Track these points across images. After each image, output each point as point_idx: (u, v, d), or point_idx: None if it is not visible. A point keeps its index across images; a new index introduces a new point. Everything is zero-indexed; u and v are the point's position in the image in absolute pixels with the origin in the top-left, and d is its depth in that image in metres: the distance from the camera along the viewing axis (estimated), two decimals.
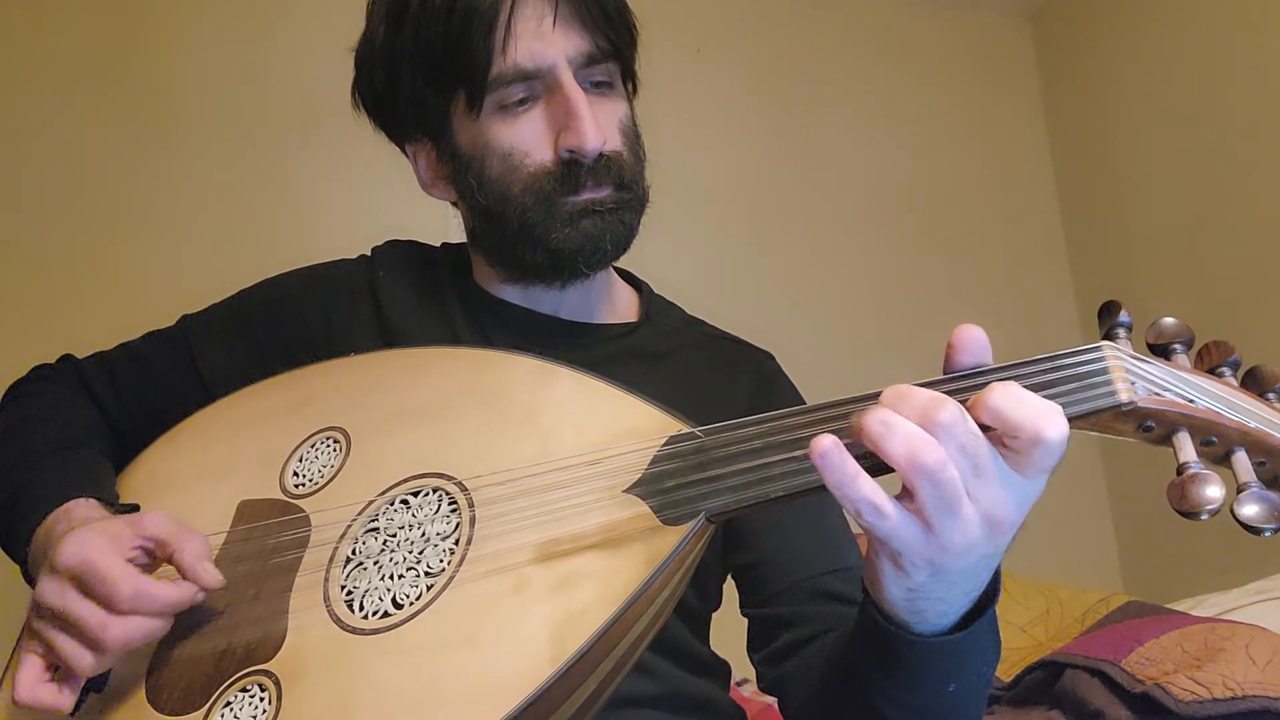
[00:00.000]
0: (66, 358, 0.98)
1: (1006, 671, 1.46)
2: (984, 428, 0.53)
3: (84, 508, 0.76)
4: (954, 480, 0.51)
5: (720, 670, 0.94)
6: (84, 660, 0.65)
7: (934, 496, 0.52)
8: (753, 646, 0.88)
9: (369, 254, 1.01)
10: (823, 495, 0.56)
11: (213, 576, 0.68)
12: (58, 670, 0.67)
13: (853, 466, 0.52)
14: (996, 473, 0.53)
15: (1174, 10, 2.55)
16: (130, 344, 0.98)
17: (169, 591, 0.66)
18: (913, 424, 0.51)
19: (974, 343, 0.56)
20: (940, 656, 0.60)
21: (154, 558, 0.69)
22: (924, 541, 0.53)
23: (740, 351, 1.01)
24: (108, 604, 0.65)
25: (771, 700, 1.65)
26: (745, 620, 0.91)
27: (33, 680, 0.66)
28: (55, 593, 0.66)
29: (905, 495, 0.53)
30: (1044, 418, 0.52)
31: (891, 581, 0.57)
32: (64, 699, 0.66)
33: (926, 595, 0.57)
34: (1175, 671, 1.17)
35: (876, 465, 0.54)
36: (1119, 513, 2.74)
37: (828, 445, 0.52)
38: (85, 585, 0.65)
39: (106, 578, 0.64)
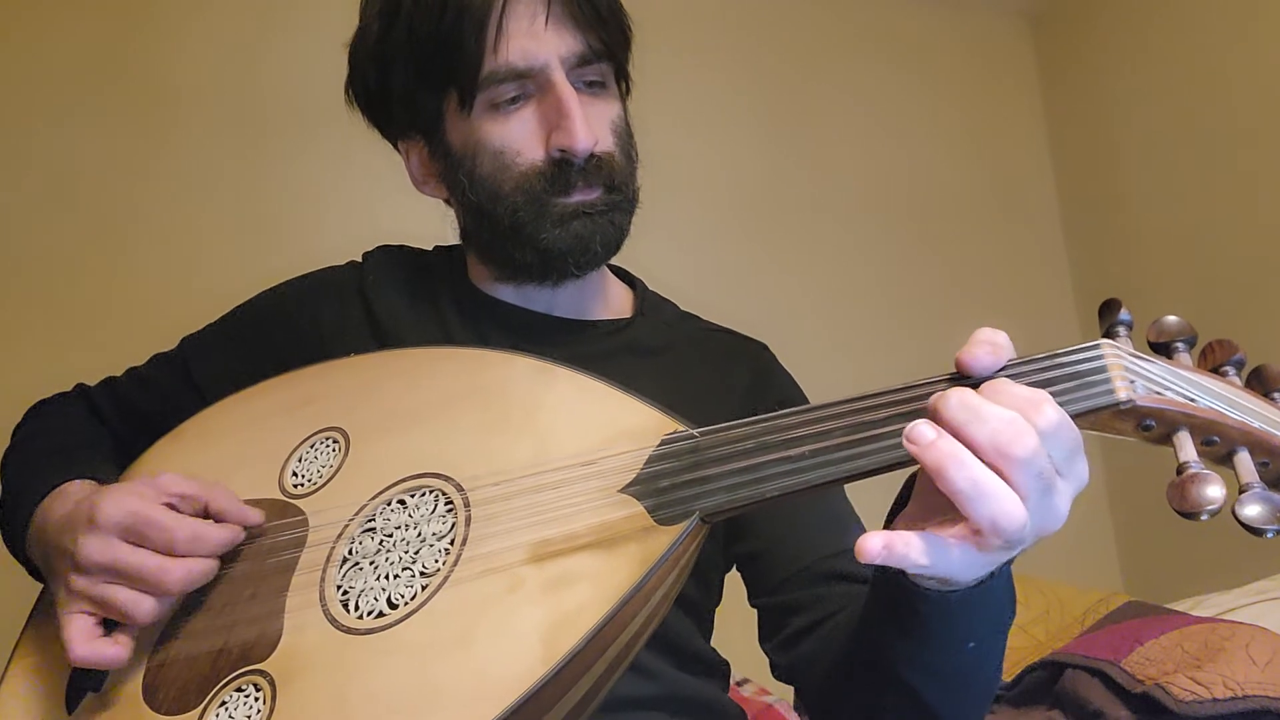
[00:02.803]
0: (78, 386, 1.00)
1: (1007, 671, 1.45)
2: None
3: (80, 487, 0.77)
4: (1028, 532, 0.51)
5: (720, 670, 0.93)
6: (143, 606, 0.67)
7: (1002, 544, 0.52)
8: (764, 636, 0.87)
9: (359, 259, 1.01)
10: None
11: (254, 513, 0.72)
12: (105, 625, 0.69)
13: (901, 550, 0.53)
14: (1051, 487, 0.52)
15: (1173, 12, 2.55)
16: (136, 368, 1.00)
17: (221, 532, 0.70)
18: (1004, 488, 0.50)
19: (985, 368, 0.56)
20: (960, 611, 0.59)
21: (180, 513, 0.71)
22: (972, 566, 0.54)
23: (735, 343, 1.00)
24: (168, 549, 0.67)
25: (772, 699, 1.66)
26: (743, 619, 0.91)
27: (86, 637, 0.68)
28: (103, 548, 0.67)
29: (952, 522, 0.53)
30: (1032, 407, 0.52)
31: (925, 581, 0.58)
32: (123, 651, 0.68)
33: (960, 584, 0.58)
34: (1175, 671, 1.17)
35: (904, 459, 0.54)
36: (1119, 512, 2.74)
37: (877, 549, 0.53)
38: (138, 536, 0.67)
39: (161, 524, 0.67)
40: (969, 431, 0.51)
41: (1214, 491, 0.51)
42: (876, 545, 0.52)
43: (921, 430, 0.52)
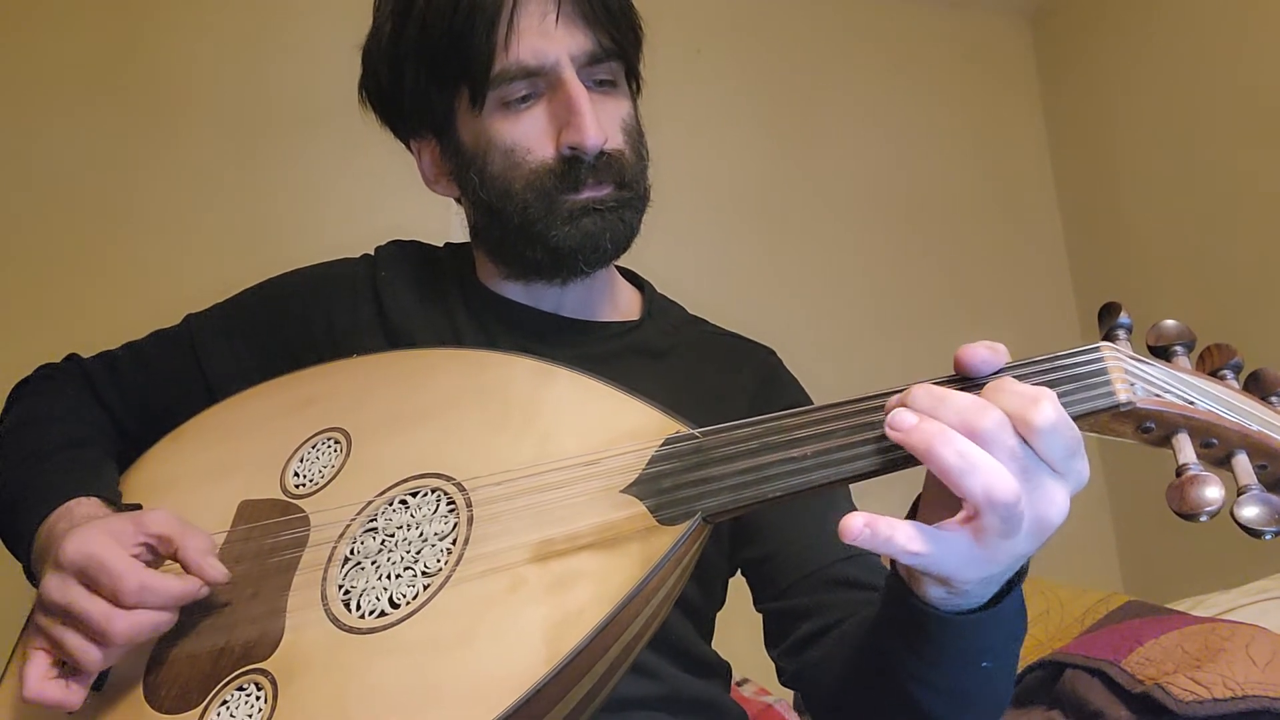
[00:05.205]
0: (71, 357, 0.98)
1: None
2: None
3: (86, 506, 0.76)
4: (1022, 513, 0.51)
5: (721, 671, 0.94)
6: (90, 655, 0.65)
7: (999, 526, 0.51)
8: (770, 641, 0.87)
9: (372, 253, 1.01)
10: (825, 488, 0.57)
11: (218, 571, 0.68)
12: (64, 666, 0.67)
13: (885, 532, 0.52)
14: (1042, 475, 0.52)
15: (1173, 11, 2.55)
16: (135, 343, 0.98)
17: (174, 584, 0.67)
18: (992, 459, 0.50)
19: (984, 363, 0.56)
20: (974, 632, 0.59)
21: (157, 555, 0.69)
22: (971, 562, 0.53)
23: (742, 348, 1.01)
24: (114, 598, 0.65)
25: (772, 699, 1.66)
26: (745, 621, 0.91)
27: (40, 676, 0.66)
28: (60, 588, 0.66)
29: (953, 515, 0.53)
30: (1031, 404, 0.51)
31: (931, 586, 0.58)
32: (72, 695, 0.66)
33: (968, 595, 0.58)
34: (1175, 671, 1.17)
35: (905, 458, 0.54)
36: (1119, 513, 2.74)
37: (858, 528, 0.52)
38: (91, 580, 0.66)
39: (112, 571, 0.65)
40: (938, 416, 0.52)
41: (1213, 493, 0.51)
42: (858, 524, 0.52)
43: (903, 416, 0.53)
